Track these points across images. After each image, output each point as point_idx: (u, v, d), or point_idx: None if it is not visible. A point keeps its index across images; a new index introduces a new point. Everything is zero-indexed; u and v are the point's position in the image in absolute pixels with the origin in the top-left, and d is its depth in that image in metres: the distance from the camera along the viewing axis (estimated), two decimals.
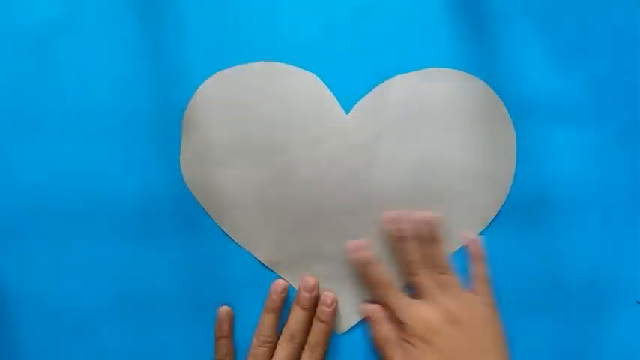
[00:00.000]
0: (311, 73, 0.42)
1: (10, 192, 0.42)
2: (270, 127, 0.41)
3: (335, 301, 0.41)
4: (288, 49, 0.42)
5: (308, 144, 0.41)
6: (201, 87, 0.42)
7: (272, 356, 0.40)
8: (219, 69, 0.42)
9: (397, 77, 0.42)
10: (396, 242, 0.41)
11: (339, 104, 0.42)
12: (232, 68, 0.42)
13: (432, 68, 0.42)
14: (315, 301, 0.41)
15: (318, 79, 0.42)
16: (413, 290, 0.41)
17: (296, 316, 0.40)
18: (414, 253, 0.40)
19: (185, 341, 0.42)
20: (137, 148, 0.42)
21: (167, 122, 0.42)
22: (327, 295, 0.41)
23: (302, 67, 0.42)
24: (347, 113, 0.42)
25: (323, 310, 0.40)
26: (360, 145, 0.41)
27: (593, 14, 0.42)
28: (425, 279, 0.40)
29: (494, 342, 0.39)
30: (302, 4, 0.42)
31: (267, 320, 0.40)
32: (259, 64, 0.42)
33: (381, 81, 0.42)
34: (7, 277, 0.42)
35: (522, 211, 0.42)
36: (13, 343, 0.42)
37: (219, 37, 0.42)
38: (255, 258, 0.42)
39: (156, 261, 0.42)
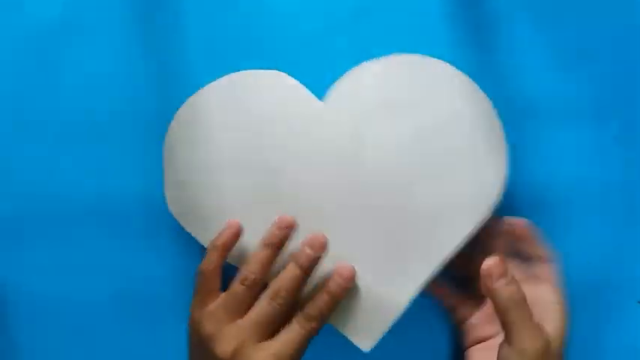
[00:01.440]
0: (273, 71, 0.40)
1: (11, 192, 0.42)
2: (248, 135, 0.40)
3: (353, 277, 0.36)
4: (288, 50, 0.42)
5: (291, 140, 0.40)
6: (174, 120, 0.40)
7: (250, 303, 0.35)
8: (220, 69, 0.42)
9: (366, 64, 0.40)
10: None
11: (311, 93, 0.40)
12: (200, 91, 0.40)
13: (396, 55, 0.40)
14: (316, 263, 0.36)
15: (282, 74, 0.40)
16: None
17: (289, 273, 0.35)
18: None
19: (184, 341, 0.42)
20: (137, 148, 0.42)
21: (167, 122, 0.42)
22: (344, 267, 0.36)
23: (300, 67, 0.42)
24: (321, 100, 0.40)
25: (336, 282, 0.35)
26: (343, 131, 0.40)
27: (593, 14, 0.42)
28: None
29: None
30: (299, 4, 0.42)
31: (260, 255, 0.36)
32: (222, 81, 0.41)
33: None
34: (7, 277, 0.42)
35: (522, 211, 0.42)
36: (13, 343, 0.42)
37: (219, 38, 0.42)
38: None
39: (156, 261, 0.42)
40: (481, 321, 0.39)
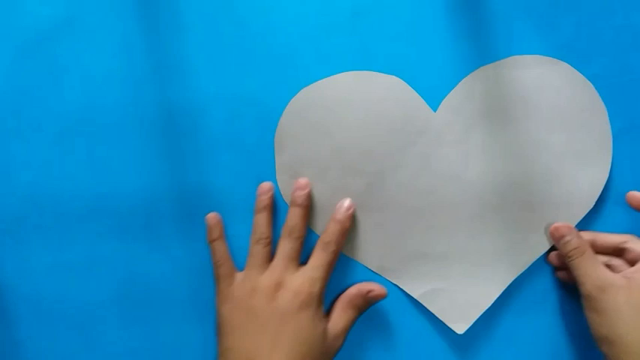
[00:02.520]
0: (393, 76, 0.42)
1: (10, 192, 0.42)
2: (360, 135, 0.41)
3: (351, 206, 0.41)
4: (288, 50, 0.42)
5: (400, 146, 0.41)
6: (288, 106, 0.42)
7: (271, 254, 0.41)
8: (220, 68, 0.42)
9: (480, 69, 0.41)
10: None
11: (426, 103, 0.42)
12: (316, 83, 0.42)
13: (514, 56, 0.42)
14: (308, 198, 0.41)
15: (402, 81, 0.42)
16: None
17: (293, 213, 0.41)
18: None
19: (185, 340, 0.42)
20: (137, 147, 0.42)
21: (167, 122, 0.42)
22: (344, 201, 0.41)
23: (300, 67, 0.42)
24: (434, 110, 0.42)
25: (341, 212, 0.41)
26: (451, 140, 0.41)
27: (593, 14, 0.42)
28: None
29: None
30: (299, 4, 0.42)
31: (260, 219, 0.41)
32: (341, 76, 0.42)
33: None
34: (7, 277, 0.42)
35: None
36: (13, 343, 0.42)
37: (219, 37, 0.42)
38: (370, 269, 0.42)
39: (156, 261, 0.42)
40: None
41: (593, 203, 0.42)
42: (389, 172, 0.41)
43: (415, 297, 0.42)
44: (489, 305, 0.41)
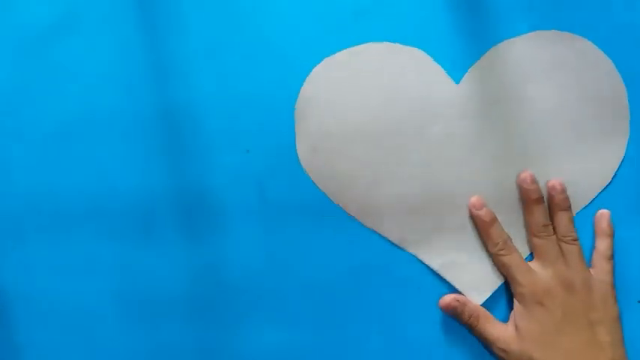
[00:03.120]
0: (416, 48, 0.42)
1: (10, 192, 0.42)
2: (382, 106, 0.41)
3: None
4: (288, 49, 0.42)
5: (422, 118, 0.41)
6: (309, 75, 0.42)
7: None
8: (220, 68, 0.42)
9: (503, 43, 0.42)
10: (528, 202, 0.41)
11: (448, 75, 0.42)
12: (338, 53, 0.42)
13: (536, 31, 0.42)
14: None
15: (425, 54, 0.42)
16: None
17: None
18: (545, 217, 0.41)
19: (185, 340, 0.42)
20: (137, 147, 0.42)
21: (166, 121, 0.42)
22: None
23: (300, 66, 0.42)
24: (457, 83, 0.42)
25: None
26: (473, 113, 0.42)
27: (593, 14, 0.42)
28: (548, 244, 0.40)
29: (607, 316, 0.39)
30: (299, 4, 0.42)
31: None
32: (364, 47, 0.42)
33: None
34: (7, 277, 0.42)
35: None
36: (13, 343, 0.42)
37: (219, 36, 0.42)
38: (385, 238, 0.42)
39: (156, 261, 0.42)
40: None
41: (607, 182, 0.42)
42: (410, 144, 0.41)
43: (434, 268, 0.42)
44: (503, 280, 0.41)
